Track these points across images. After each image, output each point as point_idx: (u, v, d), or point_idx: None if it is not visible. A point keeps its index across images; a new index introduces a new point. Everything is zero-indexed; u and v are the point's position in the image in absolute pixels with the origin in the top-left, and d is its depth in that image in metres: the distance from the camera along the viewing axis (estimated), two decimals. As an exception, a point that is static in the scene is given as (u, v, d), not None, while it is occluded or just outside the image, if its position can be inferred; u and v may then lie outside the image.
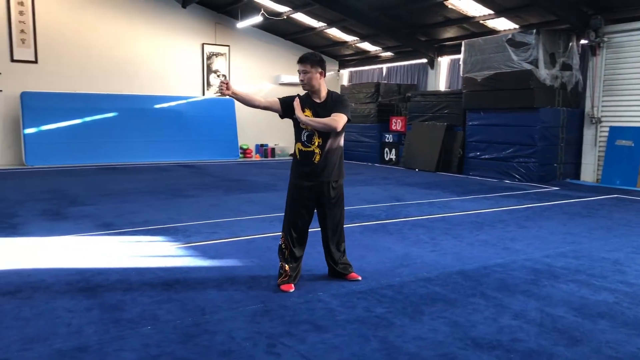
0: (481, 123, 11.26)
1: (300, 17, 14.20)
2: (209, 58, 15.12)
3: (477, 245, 5.11)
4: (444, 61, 13.95)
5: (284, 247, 3.82)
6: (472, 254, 4.78)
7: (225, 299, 3.54)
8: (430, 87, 14.08)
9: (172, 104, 14.30)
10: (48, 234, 5.35)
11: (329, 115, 3.70)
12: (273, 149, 15.97)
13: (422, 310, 3.37)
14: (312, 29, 14.88)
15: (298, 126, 3.77)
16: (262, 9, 13.70)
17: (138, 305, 3.39)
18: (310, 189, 3.77)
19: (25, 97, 12.34)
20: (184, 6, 14.51)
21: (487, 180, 10.48)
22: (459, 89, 12.29)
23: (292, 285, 3.75)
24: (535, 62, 10.19)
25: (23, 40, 12.58)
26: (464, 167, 11.63)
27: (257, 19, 13.71)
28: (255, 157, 15.69)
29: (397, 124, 13.81)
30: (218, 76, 15.28)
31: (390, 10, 12.40)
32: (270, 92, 16.10)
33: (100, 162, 12.67)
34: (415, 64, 14.82)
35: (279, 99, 3.83)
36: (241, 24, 14.38)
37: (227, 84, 3.61)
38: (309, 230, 3.95)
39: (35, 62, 12.74)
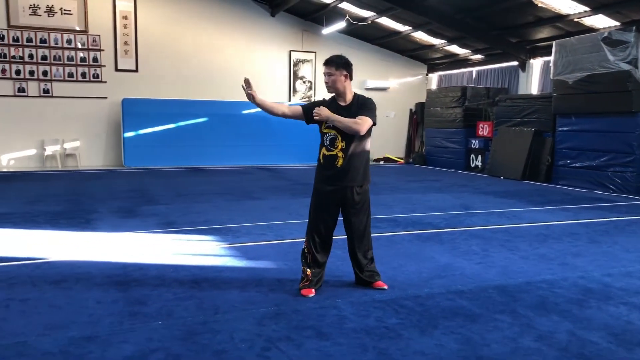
0: (572, 129, 10.47)
1: (385, 21, 14.09)
2: (295, 65, 15.46)
3: (531, 259, 4.75)
4: (536, 63, 13.15)
5: (306, 252, 3.80)
6: (521, 268, 4.46)
7: (243, 299, 3.59)
8: (522, 91, 13.34)
9: (259, 109, 14.73)
10: (113, 229, 5.75)
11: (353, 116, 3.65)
12: (357, 154, 15.93)
13: (437, 324, 3.20)
14: (398, 32, 14.70)
15: (321, 130, 3.74)
16: (346, 15, 13.77)
17: (160, 300, 3.54)
18: (333, 193, 3.73)
19: (125, 103, 13.37)
20: (272, 15, 14.96)
21: (576, 190, 9.71)
22: (549, 92, 11.52)
23: (313, 290, 3.73)
24: (634, 62, 9.32)
25: (126, 51, 13.66)
26: (552, 175, 10.88)
27: (341, 24, 13.79)
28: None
29: (484, 129, 13.24)
30: (304, 82, 15.57)
31: (475, 12, 11.93)
32: (356, 97, 16.14)
33: (190, 164, 13.39)
34: (506, 67, 14.11)
35: (302, 106, 3.85)
36: (326, 30, 14.55)
37: (252, 94, 3.66)
38: (338, 236, 3.90)
39: (136, 70, 13.76)
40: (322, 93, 15.67)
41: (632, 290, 3.91)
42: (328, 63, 3.68)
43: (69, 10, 13.03)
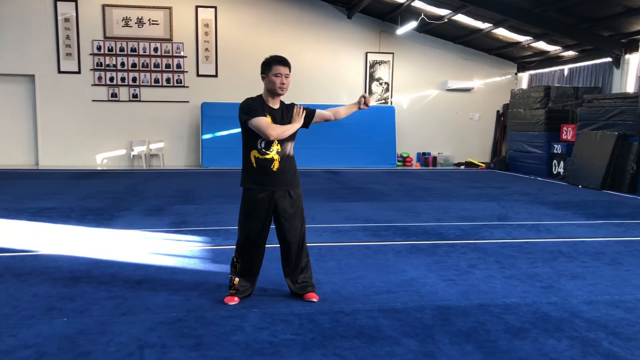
0: (661, 132, 9.18)
1: (462, 18, 13.40)
2: (371, 66, 15.25)
3: (513, 279, 4.25)
4: (633, 59, 11.71)
5: (235, 261, 3.72)
6: (491, 289, 4.01)
7: (162, 303, 3.62)
8: (615, 90, 11.95)
9: (332, 112, 14.76)
10: (124, 227, 6.08)
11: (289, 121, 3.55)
12: (435, 158, 15.35)
13: (327, 344, 2.99)
14: (479, 30, 13.90)
15: (253, 132, 3.58)
16: (421, 14, 13.32)
17: (87, 298, 3.69)
18: (263, 200, 3.60)
19: (204, 107, 14.10)
20: (349, 17, 14.90)
21: (658, 202, 8.50)
22: (635, 92, 10.21)
23: (236, 298, 3.65)
24: None
25: (207, 57, 14.40)
26: (638, 186, 9.62)
27: (413, 24, 13.35)
28: (415, 166, 15.29)
29: (567, 132, 12.08)
30: (380, 84, 15.31)
31: (556, 4, 10.90)
32: (436, 99, 15.57)
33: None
34: (599, 64, 12.74)
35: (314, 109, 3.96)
36: (401, 30, 14.17)
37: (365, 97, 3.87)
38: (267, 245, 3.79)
39: (216, 76, 14.45)
40: (399, 94, 15.33)
41: (599, 323, 3.34)
42: (288, 64, 3.56)
43: (156, 21, 14.03)
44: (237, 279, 3.69)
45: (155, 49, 14.09)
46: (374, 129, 14.83)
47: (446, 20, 13.42)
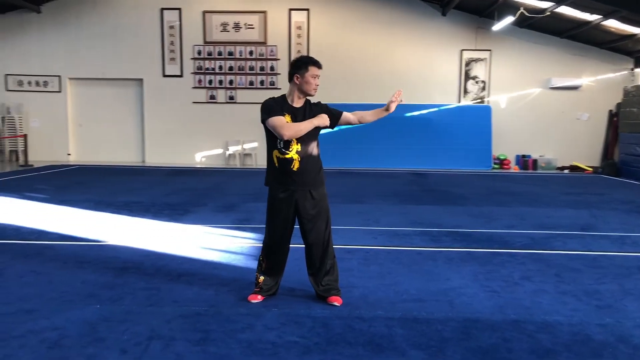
0: None
1: (567, 10, 12.41)
2: (467, 64, 14.63)
3: (567, 296, 3.86)
4: None
5: (261, 260, 3.75)
6: (535, 305, 3.67)
7: (190, 296, 3.74)
8: None
9: (424, 112, 14.42)
10: (193, 222, 6.37)
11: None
12: (535, 161, 14.38)
13: (329, 350, 2.92)
14: (587, 22, 12.80)
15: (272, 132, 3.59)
16: (520, 7, 12.55)
17: (126, 288, 3.91)
18: (285, 199, 3.60)
19: (295, 107, 14.38)
20: (443, 14, 14.42)
21: None
22: None
23: (259, 297, 3.67)
24: None
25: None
26: None
27: (510, 19, 12.60)
28: (514, 169, 14.43)
29: (687, 134, 10.73)
30: (477, 82, 14.65)
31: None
32: (538, 97, 14.60)
33: (348, 166, 13.76)
34: None
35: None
36: (497, 26, 13.44)
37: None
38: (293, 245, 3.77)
39: (307, 77, 14.67)
40: (496, 92, 14.58)
41: (650, 351, 2.92)
42: (319, 65, 3.56)
43: (252, 25, 14.57)
44: (262, 278, 3.71)
45: (251, 52, 14.62)
46: (468, 130, 14.23)
47: (548, 13, 12.51)
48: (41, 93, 14.68)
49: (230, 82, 14.69)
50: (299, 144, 3.50)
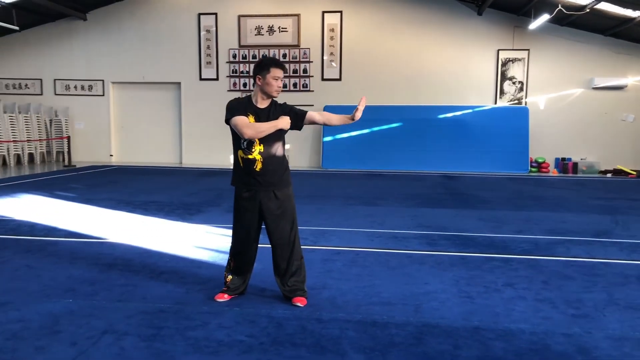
0: None
1: (608, 7, 11.85)
2: (504, 64, 14.22)
3: (543, 303, 3.70)
4: None
5: (229, 259, 3.80)
6: (506, 312, 3.53)
7: (161, 294, 3.82)
8: None
9: (457, 113, 14.12)
10: (199, 221, 6.50)
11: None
12: (575, 164, 13.79)
13: (270, 350, 2.91)
14: (631, 19, 12.18)
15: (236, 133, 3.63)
16: (558, 4, 12.10)
17: (108, 284, 4.05)
18: (250, 199, 3.63)
19: (326, 109, 14.41)
20: (479, 13, 14.09)
21: None
22: None
23: (226, 296, 3.72)
24: None
25: (331, 61, 14.72)
26: None
27: (547, 17, 12.16)
28: (552, 173, 13.89)
29: None
30: (514, 83, 14.21)
31: None
32: (580, 98, 14.01)
33: (378, 168, 13.66)
34: None
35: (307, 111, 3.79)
36: (534, 24, 12.99)
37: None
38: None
39: (339, 79, 14.70)
40: (534, 93, 14.10)
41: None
42: (282, 66, 3.58)
43: (285, 28, 14.72)
44: (229, 277, 3.75)
45: (284, 55, 14.77)
46: (504, 132, 13.83)
47: (587, 10, 12.00)
48: (86, 97, 15.38)
49: (264, 84, 14.86)
50: (261, 145, 3.53)
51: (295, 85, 14.79)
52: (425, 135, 14.01)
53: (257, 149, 3.54)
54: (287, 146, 11.69)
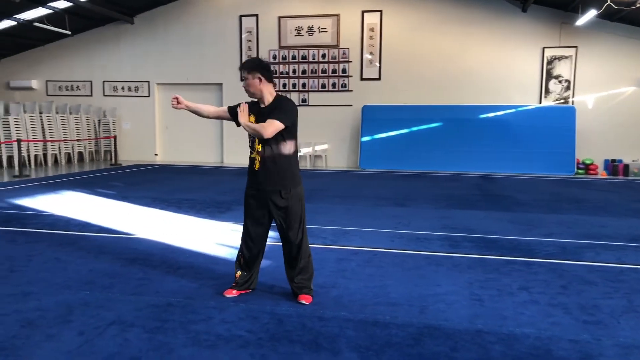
0: None
1: (661, 1, 11.28)
2: (549, 62, 13.77)
3: (556, 309, 3.58)
4: None
5: (239, 254, 3.87)
6: (514, 316, 3.45)
7: (173, 288, 3.94)
8: None
9: (500, 113, 13.77)
10: (227, 219, 6.62)
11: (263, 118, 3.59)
12: (627, 166, 13.20)
13: (265, 345, 2.95)
14: (686, 13, 11.56)
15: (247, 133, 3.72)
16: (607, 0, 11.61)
17: (125, 277, 4.20)
18: (255, 197, 3.70)
19: (365, 109, 14.39)
20: (524, 10, 13.69)
21: None
22: None
23: (235, 291, 3.79)
24: None
25: (371, 61, 14.67)
26: None
27: (594, 13, 11.69)
28: (601, 175, 13.34)
29: None
30: (560, 82, 13.74)
31: None
32: (632, 97, 13.42)
33: (418, 169, 13.49)
34: None
35: (228, 107, 3.90)
36: (581, 20, 12.51)
37: (176, 98, 3.93)
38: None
39: (379, 79, 14.63)
40: (582, 92, 13.60)
41: (609, 374, 2.66)
42: (241, 67, 3.68)
43: (325, 29, 14.78)
44: (239, 272, 3.83)
45: (323, 56, 14.83)
46: (549, 132, 13.39)
47: (638, 5, 11.44)
48: (132, 98, 15.93)
49: (303, 85, 15.00)
50: (260, 144, 3.58)
51: (334, 85, 14.83)
52: (466, 135, 13.74)
53: (257, 148, 3.59)
54: (324, 146, 11.69)
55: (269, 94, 3.67)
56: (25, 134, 12.94)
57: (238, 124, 3.75)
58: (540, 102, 13.86)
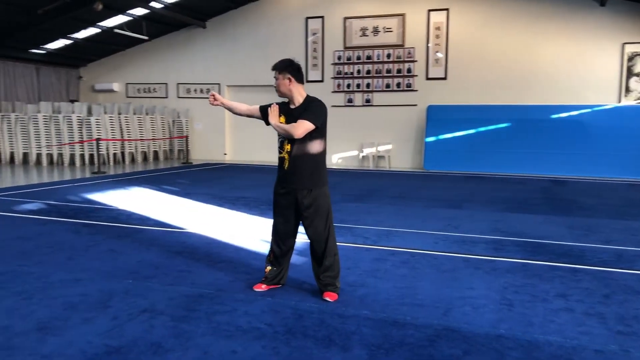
0: None
1: None
2: (630, 59, 12.92)
3: (590, 318, 3.42)
4: None
5: (270, 250, 3.99)
6: (542, 323, 3.32)
7: (209, 280, 4.12)
8: None
9: (573, 113, 13.10)
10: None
11: (294, 119, 3.68)
12: None
13: (278, 339, 3.04)
14: None
15: (277, 133, 3.86)
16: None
17: (166, 269, 4.44)
18: (284, 195, 3.80)
19: (430, 109, 14.18)
20: (602, 4, 12.95)
21: None
22: None
23: (264, 286, 3.91)
24: None
25: (436, 60, 14.43)
26: None
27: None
28: (687, 179, 12.34)
29: None
30: (641, 79, 12.87)
31: None
32: None
33: (485, 171, 13.09)
34: None
35: (260, 106, 4.00)
36: (664, 14, 11.66)
37: (213, 95, 4.10)
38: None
39: (445, 78, 14.36)
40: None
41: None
42: (273, 68, 3.79)
43: (390, 29, 14.71)
44: (268, 267, 3.94)
45: (388, 55, 14.76)
46: (629, 133, 12.58)
47: None
48: (204, 99, 16.58)
49: (367, 85, 15.01)
50: (289, 144, 3.67)
51: (398, 85, 14.72)
52: (536, 136, 13.18)
53: (286, 148, 3.68)
54: (388, 146, 11.60)
55: (298, 94, 3.76)
56: (105, 134, 13.84)
57: (268, 124, 3.87)
58: (620, 102, 13.05)
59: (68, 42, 15.58)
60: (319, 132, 3.72)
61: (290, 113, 3.75)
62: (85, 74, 17.94)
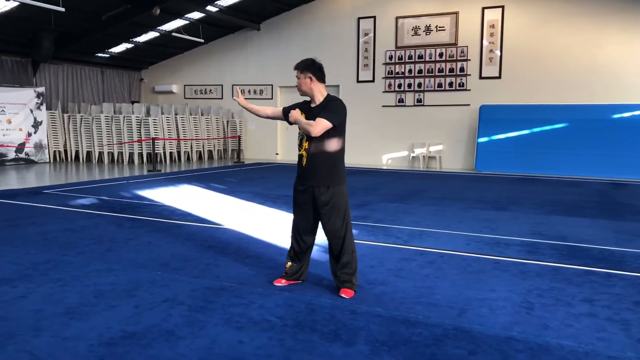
0: None
1: None
2: (700, 55, 12.12)
3: (612, 324, 3.28)
4: None
5: (290, 247, 4.07)
6: (560, 327, 3.22)
7: (232, 274, 4.25)
8: None
9: (637, 112, 12.42)
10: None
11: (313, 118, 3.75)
12: None
13: (286, 332, 3.12)
14: None
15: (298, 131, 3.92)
16: None
17: (196, 261, 4.62)
18: (303, 192, 3.87)
19: (483, 109, 13.85)
20: (670, -3, 12.23)
21: None
22: None
23: (284, 281, 4.00)
24: None
25: (491, 59, 14.08)
26: None
27: None
28: None
29: None
30: None
31: None
32: None
33: (539, 172, 12.65)
34: None
35: (283, 108, 4.08)
36: None
37: (239, 93, 4.21)
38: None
39: (499, 77, 13.99)
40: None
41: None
42: (295, 67, 3.86)
43: (443, 27, 14.49)
44: (289, 263, 4.03)
45: (440, 55, 14.55)
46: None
47: None
48: (257, 100, 16.92)
49: (419, 85, 14.85)
50: (307, 142, 3.73)
51: (450, 84, 14.48)
52: (595, 137, 12.60)
53: (305, 145, 3.75)
54: (439, 147, 11.60)
55: (319, 93, 3.82)
56: (162, 134, 14.41)
57: (290, 123, 3.95)
58: (687, 101, 12.26)
59: (130, 45, 16.32)
60: (337, 131, 3.76)
61: (310, 111, 3.82)
62: (147, 76, 18.73)
